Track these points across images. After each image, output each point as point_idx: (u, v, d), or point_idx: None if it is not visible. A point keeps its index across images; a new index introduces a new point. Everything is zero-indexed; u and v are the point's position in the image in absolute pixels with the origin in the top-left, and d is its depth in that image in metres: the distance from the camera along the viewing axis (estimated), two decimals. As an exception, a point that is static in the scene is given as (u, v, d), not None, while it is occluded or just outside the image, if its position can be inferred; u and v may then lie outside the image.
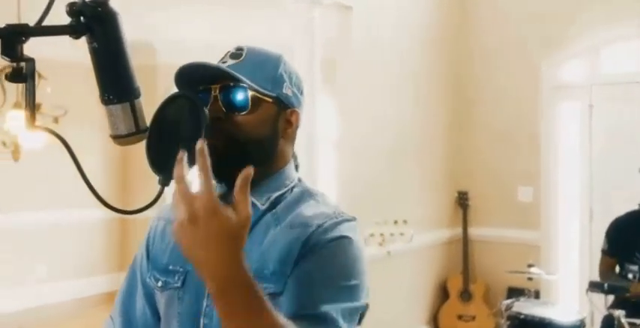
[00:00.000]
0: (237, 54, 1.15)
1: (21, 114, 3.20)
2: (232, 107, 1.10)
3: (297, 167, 1.24)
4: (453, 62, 4.86)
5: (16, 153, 4.05)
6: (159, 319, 1.20)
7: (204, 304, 1.10)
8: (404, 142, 4.32)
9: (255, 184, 1.12)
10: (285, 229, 1.11)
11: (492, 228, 4.81)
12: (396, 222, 2.62)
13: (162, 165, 1.04)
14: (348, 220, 1.13)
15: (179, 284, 1.14)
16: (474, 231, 4.85)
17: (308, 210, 1.13)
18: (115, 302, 1.26)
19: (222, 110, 1.09)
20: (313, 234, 1.08)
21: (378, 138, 4.06)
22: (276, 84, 1.14)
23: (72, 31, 0.90)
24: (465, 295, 4.70)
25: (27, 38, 0.87)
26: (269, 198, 1.14)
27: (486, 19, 4.91)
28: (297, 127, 1.19)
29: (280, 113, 1.15)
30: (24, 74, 0.87)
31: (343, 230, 1.11)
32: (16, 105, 4.08)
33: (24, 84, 0.92)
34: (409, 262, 4.40)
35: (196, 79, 1.11)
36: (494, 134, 4.85)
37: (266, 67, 1.15)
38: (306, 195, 1.17)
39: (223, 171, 1.08)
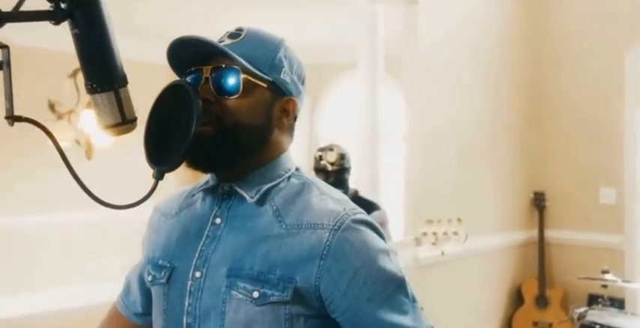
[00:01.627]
0: (236, 34, 1.08)
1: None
2: (223, 90, 1.02)
3: (324, 172, 1.17)
4: (527, 55, 4.61)
5: (89, 152, 4.18)
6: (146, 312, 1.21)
7: (187, 303, 1.05)
8: (475, 139, 4.15)
9: (246, 175, 1.07)
10: (293, 230, 1.02)
11: (571, 231, 4.54)
12: (450, 221, 2.49)
13: (157, 158, 1.00)
14: (361, 215, 1.04)
15: (164, 281, 1.09)
16: (551, 234, 4.59)
17: (313, 204, 1.04)
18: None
19: (212, 92, 1.02)
20: (331, 243, 1.00)
21: (448, 134, 3.91)
22: (273, 68, 1.06)
23: (51, 16, 0.86)
24: (541, 301, 4.46)
25: (2, 24, 0.83)
26: (259, 191, 1.06)
27: (565, 10, 4.64)
28: (294, 117, 1.11)
29: (275, 100, 1.07)
30: (-1, 62, 0.84)
31: (366, 228, 1.03)
32: (89, 105, 4.22)
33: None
34: (481, 265, 4.22)
35: (188, 57, 1.04)
36: (573, 131, 4.56)
37: (265, 48, 1.07)
38: (306, 185, 1.08)
39: (213, 160, 1.03)
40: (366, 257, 1.01)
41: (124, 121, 0.92)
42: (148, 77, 2.68)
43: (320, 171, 3.11)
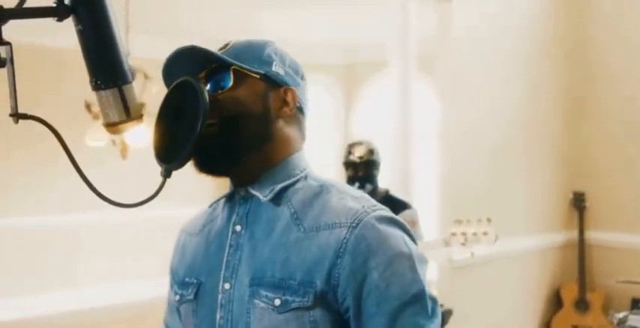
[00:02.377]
0: (225, 45, 1.09)
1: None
2: (216, 86, 1.03)
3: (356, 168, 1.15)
4: (567, 49, 4.46)
5: (124, 152, 4.22)
6: None
7: (218, 316, 1.02)
8: (510, 137, 4.05)
9: (259, 175, 1.05)
10: (311, 232, 0.99)
11: (614, 233, 4.39)
12: (479, 221, 2.42)
13: (166, 156, 0.99)
14: (382, 211, 1.00)
15: (192, 297, 1.07)
16: (591, 235, 4.45)
17: (332, 204, 1.01)
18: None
19: (210, 93, 1.02)
20: (348, 240, 0.96)
21: (482, 132, 3.83)
22: (262, 63, 1.06)
23: (55, 13, 0.85)
24: (581, 305, 4.34)
25: (5, 21, 0.83)
26: (273, 190, 1.04)
27: (607, 1, 4.49)
28: (295, 107, 1.08)
29: (270, 90, 1.06)
30: (3, 59, 0.83)
31: (386, 225, 0.98)
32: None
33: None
34: (516, 266, 4.13)
35: (185, 73, 1.04)
36: (616, 129, 4.40)
37: (251, 49, 1.08)
38: (324, 187, 1.05)
39: (219, 157, 1.01)
40: (382, 258, 0.95)
41: (128, 118, 0.90)
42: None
43: (349, 164, 3.10)
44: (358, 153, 3.07)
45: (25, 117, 0.87)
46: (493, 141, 3.91)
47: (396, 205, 3.05)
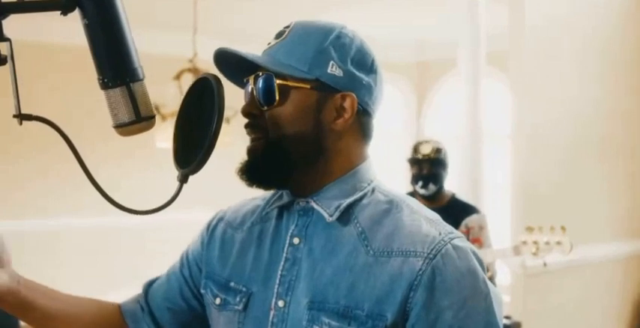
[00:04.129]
0: (282, 31, 0.98)
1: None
2: (262, 101, 0.94)
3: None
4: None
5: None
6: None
7: None
8: (588, 136, 3.81)
9: (320, 188, 0.95)
10: (382, 257, 0.89)
11: None
12: (552, 229, 2.25)
13: (184, 159, 0.92)
14: (459, 241, 0.90)
15: (240, 307, 0.98)
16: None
17: (405, 226, 0.91)
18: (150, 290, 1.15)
19: (256, 105, 0.94)
20: (424, 273, 0.86)
21: (558, 132, 3.62)
22: (316, 64, 0.93)
23: (58, 6, 0.79)
24: (670, 318, 4.04)
25: (6, 15, 0.77)
26: (338, 207, 0.94)
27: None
28: (353, 115, 0.95)
29: (325, 99, 0.94)
30: (3, 56, 0.78)
31: (464, 260, 0.89)
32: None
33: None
34: (595, 275, 3.88)
35: (237, 69, 0.97)
36: None
37: (306, 44, 0.94)
38: (395, 203, 0.95)
39: (267, 176, 0.94)
40: (458, 297, 0.86)
41: (138, 119, 0.83)
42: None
43: (413, 162, 2.98)
44: (424, 150, 2.96)
45: (30, 118, 0.81)
46: (568, 142, 3.69)
47: (463, 209, 2.91)
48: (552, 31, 3.60)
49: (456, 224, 2.84)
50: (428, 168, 2.92)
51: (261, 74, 0.94)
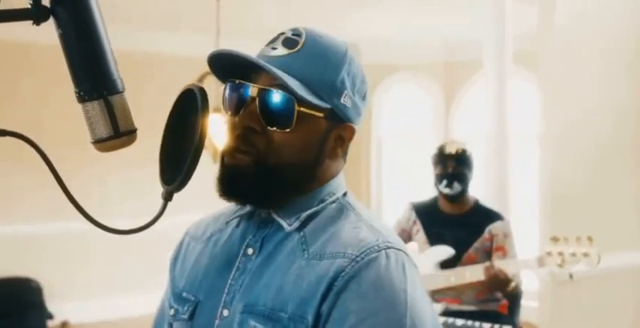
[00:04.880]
0: (292, 40, 0.90)
1: (220, 118, 3.31)
2: (272, 121, 0.87)
3: None
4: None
5: (214, 156, 4.22)
6: None
7: None
8: (618, 140, 3.66)
9: (287, 202, 0.92)
10: (313, 260, 0.86)
11: None
12: (578, 239, 2.15)
13: (167, 175, 0.87)
14: (397, 252, 0.85)
15: (186, 317, 0.95)
16: None
17: (345, 232, 0.88)
18: None
19: (258, 120, 0.88)
20: (347, 274, 0.82)
21: (586, 132, 3.49)
22: (333, 92, 0.89)
23: (30, 15, 0.75)
24: None
25: (-24, 26, 0.74)
26: (299, 218, 0.91)
27: None
28: (348, 144, 0.94)
29: (332, 129, 0.91)
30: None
31: (393, 271, 0.84)
32: (216, 110, 4.27)
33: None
34: (628, 286, 3.74)
35: (234, 65, 0.90)
36: None
37: (326, 66, 0.89)
38: (344, 211, 0.92)
39: (249, 195, 0.90)
40: (370, 305, 0.82)
41: (116, 134, 0.78)
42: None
43: (439, 161, 2.90)
44: (449, 149, 2.89)
45: (4, 133, 0.77)
46: (598, 145, 3.56)
47: (487, 216, 2.82)
48: (582, 30, 3.48)
49: (479, 231, 2.75)
50: (453, 166, 2.84)
51: (275, 91, 0.87)
